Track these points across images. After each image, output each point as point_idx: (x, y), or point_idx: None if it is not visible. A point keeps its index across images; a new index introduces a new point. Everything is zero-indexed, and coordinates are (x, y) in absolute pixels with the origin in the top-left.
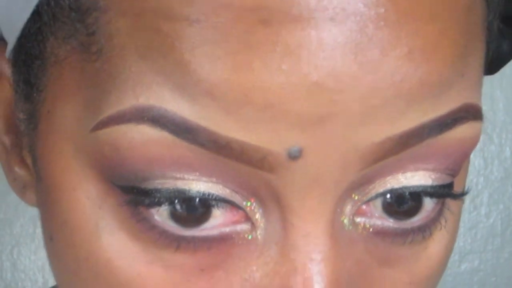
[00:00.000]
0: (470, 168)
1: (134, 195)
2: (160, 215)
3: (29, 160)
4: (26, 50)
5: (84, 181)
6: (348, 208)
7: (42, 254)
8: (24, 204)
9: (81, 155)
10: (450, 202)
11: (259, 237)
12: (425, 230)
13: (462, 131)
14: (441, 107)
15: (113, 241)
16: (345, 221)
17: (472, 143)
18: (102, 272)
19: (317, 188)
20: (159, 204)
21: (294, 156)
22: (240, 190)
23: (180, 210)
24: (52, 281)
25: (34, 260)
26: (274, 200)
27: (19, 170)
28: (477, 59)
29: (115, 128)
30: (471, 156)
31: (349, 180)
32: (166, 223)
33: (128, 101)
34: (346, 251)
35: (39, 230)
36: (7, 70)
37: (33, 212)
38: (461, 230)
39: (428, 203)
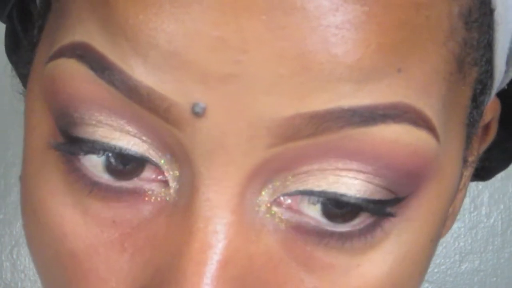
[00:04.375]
0: None
1: (64, 138)
2: (95, 167)
3: None
4: None
5: (42, 121)
6: (265, 193)
7: None
8: None
9: (40, 94)
10: (387, 221)
11: (171, 197)
12: (347, 238)
13: (394, 132)
14: (365, 96)
15: (49, 180)
16: (262, 206)
17: (411, 153)
18: (37, 210)
19: (223, 155)
20: (78, 153)
21: (198, 112)
22: (157, 145)
23: (114, 163)
24: None
25: None
26: (187, 161)
27: None
28: (430, 63)
29: (54, 61)
30: None
31: (259, 156)
32: (99, 175)
33: (69, 37)
34: (254, 235)
35: None
36: None
37: None
38: (461, 230)
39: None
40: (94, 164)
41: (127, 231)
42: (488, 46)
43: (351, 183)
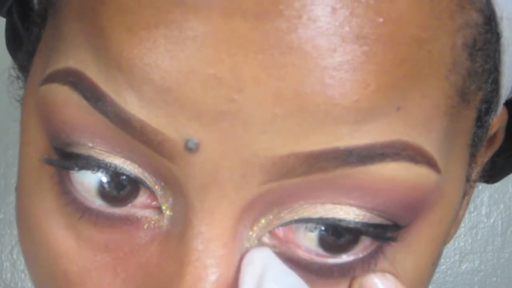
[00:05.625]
0: None
1: (58, 155)
2: (88, 191)
3: None
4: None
5: (37, 137)
6: (258, 227)
7: None
8: None
9: (35, 112)
10: (389, 248)
11: (164, 225)
12: (349, 270)
13: (392, 170)
14: (363, 136)
15: (44, 199)
16: (254, 240)
17: (410, 189)
18: (32, 228)
19: (216, 189)
20: (72, 168)
21: (191, 148)
22: (150, 172)
23: (108, 188)
24: None
25: None
26: (179, 191)
27: None
28: (430, 98)
29: (48, 85)
30: None
31: (253, 191)
32: (91, 200)
33: (63, 62)
34: None
35: None
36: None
37: None
38: (461, 230)
39: (366, 240)
40: (86, 188)
41: (120, 256)
42: (494, 68)
43: (350, 209)
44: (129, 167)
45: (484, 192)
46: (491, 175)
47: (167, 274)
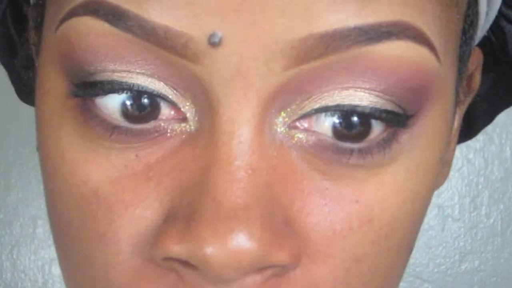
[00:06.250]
0: (470, 168)
1: (82, 88)
2: (113, 114)
3: None
4: None
5: (57, 83)
6: (283, 116)
7: (42, 254)
8: (24, 205)
9: (53, 59)
10: (400, 135)
11: (192, 129)
12: (366, 153)
13: (399, 48)
14: (368, 14)
15: (68, 134)
16: (279, 128)
17: (416, 69)
18: (58, 164)
19: (241, 80)
20: (98, 94)
21: (214, 42)
22: (172, 83)
23: (130, 109)
24: (51, 282)
25: (34, 260)
26: (203, 93)
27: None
28: None
29: (67, 22)
30: (471, 156)
31: (276, 79)
32: (117, 119)
33: None
34: (274, 150)
35: (39, 230)
36: None
37: (33, 212)
38: (461, 230)
39: (377, 129)
40: (111, 112)
41: (151, 162)
42: None
43: (363, 95)
44: (151, 84)
45: (484, 192)
46: (471, 125)
47: (202, 163)
